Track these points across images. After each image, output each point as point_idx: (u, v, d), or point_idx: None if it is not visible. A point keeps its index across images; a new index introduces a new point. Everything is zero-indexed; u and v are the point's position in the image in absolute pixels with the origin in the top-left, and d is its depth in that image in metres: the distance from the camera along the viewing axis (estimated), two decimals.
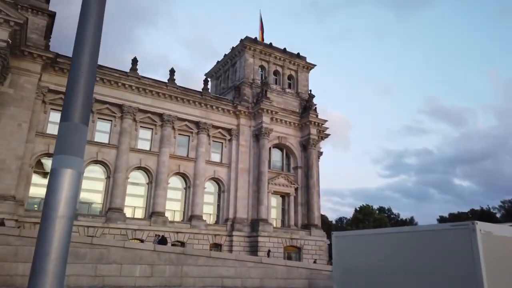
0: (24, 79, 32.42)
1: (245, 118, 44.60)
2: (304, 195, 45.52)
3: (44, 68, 33.83)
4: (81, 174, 3.61)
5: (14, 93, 31.83)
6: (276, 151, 46.78)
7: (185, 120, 41.45)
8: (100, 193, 36.75)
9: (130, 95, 38.40)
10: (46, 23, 34.82)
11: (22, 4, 33.14)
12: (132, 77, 38.59)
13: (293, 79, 50.61)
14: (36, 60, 32.85)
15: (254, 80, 46.97)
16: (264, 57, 48.94)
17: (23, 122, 31.69)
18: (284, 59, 50.00)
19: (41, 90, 34.03)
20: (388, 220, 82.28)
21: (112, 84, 37.59)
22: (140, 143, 39.25)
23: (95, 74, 4.20)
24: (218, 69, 54.85)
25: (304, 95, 49.36)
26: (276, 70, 49.63)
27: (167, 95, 40.28)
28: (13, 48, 31.09)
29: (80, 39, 3.93)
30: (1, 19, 28.70)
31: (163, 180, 38.55)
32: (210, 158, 42.74)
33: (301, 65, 51.10)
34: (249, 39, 48.46)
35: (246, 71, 47.16)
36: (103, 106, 37.38)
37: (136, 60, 39.72)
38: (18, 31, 30.20)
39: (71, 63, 3.95)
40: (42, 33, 34.37)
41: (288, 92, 49.07)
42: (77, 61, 3.87)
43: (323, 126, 48.48)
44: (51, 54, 33.60)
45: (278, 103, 46.36)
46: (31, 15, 33.39)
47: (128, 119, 38.00)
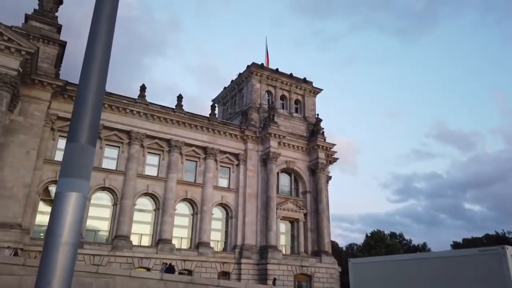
0: (34, 107, 32.76)
1: (253, 143, 44.43)
2: (314, 220, 44.61)
3: (54, 96, 34.24)
4: (86, 197, 3.33)
5: (24, 120, 32.09)
6: (284, 176, 46.27)
7: (193, 146, 41.37)
8: (107, 221, 36.31)
9: (138, 121, 38.57)
10: (56, 52, 35.51)
11: (34, 34, 33.93)
12: (140, 104, 38.87)
13: (300, 103, 50.71)
14: (46, 88, 33.29)
15: (261, 105, 47.11)
16: (271, 82, 49.27)
17: (31, 150, 31.78)
18: (290, 84, 50.28)
19: (50, 117, 34.32)
20: (400, 246, 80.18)
21: (121, 111, 37.86)
22: (148, 169, 39.08)
23: (104, 93, 3.98)
24: (225, 95, 55.25)
25: (311, 119, 49.28)
26: (283, 95, 49.84)
27: (174, 121, 40.40)
28: (24, 77, 31.59)
29: (88, 57, 3.73)
30: (13, 49, 29.30)
31: (170, 207, 38.08)
32: (218, 184, 42.33)
33: (307, 89, 51.30)
34: (255, 65, 48.97)
35: (253, 96, 47.40)
36: (111, 132, 37.52)
37: (144, 87, 40.14)
38: (29, 60, 30.76)
39: (79, 82, 3.73)
40: (53, 62, 35.00)
41: (295, 116, 49.04)
42: (85, 80, 3.66)
43: (331, 150, 48.08)
44: (61, 82, 34.07)
45: (285, 127, 46.26)
46: (42, 45, 34.10)
47: (135, 145, 38.01)
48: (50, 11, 36.44)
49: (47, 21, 35.62)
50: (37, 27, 34.87)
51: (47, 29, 35.29)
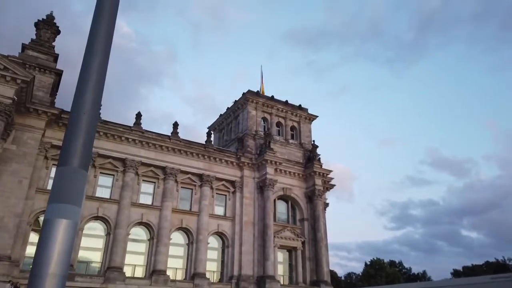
0: (28, 135, 32.46)
1: (249, 170, 44.10)
2: (312, 249, 43.72)
3: (48, 124, 34.02)
4: (77, 225, 3.08)
5: (17, 149, 31.70)
6: (281, 203, 45.70)
7: (188, 173, 40.94)
8: (99, 251, 35.29)
9: (133, 149, 38.27)
10: (52, 81, 35.60)
11: (30, 63, 34.10)
12: (136, 131, 38.71)
13: (296, 130, 50.84)
14: (41, 116, 33.12)
15: (257, 131, 47.14)
16: (267, 109, 49.55)
17: (24, 179, 31.21)
18: (286, 111, 50.58)
19: (43, 145, 33.96)
20: (400, 274, 78.51)
21: (116, 139, 37.62)
22: (142, 198, 38.44)
23: (98, 116, 3.79)
24: (221, 122, 55.37)
25: (307, 145, 49.27)
26: (278, 122, 50.01)
27: (170, 148, 40.15)
28: (19, 105, 31.46)
29: (83, 79, 3.58)
30: (9, 77, 29.30)
31: (165, 236, 37.20)
32: (214, 212, 41.63)
33: (303, 116, 51.59)
34: (251, 92, 49.38)
35: (249, 123, 47.49)
36: (105, 160, 37.11)
37: (140, 115, 40.11)
38: (25, 89, 30.73)
39: (73, 103, 3.55)
40: (48, 91, 35.01)
41: (291, 143, 49.04)
42: (79, 101, 3.49)
43: (327, 177, 47.79)
44: (56, 110, 33.94)
45: (281, 154, 46.13)
46: (38, 74, 34.21)
47: (130, 173, 37.53)
48: (47, 40, 36.80)
49: (43, 50, 35.91)
50: (34, 56, 35.11)
51: (43, 58, 35.51)
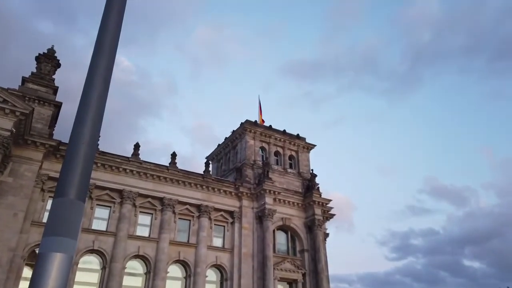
0: (25, 167, 32.26)
1: (248, 200, 43.68)
2: (313, 281, 42.62)
3: (46, 156, 33.90)
4: (72, 259, 2.98)
5: (13, 181, 31.40)
6: (281, 234, 44.96)
7: (186, 204, 40.48)
8: (95, 286, 34.26)
9: (131, 180, 38.00)
10: (51, 113, 35.80)
11: (30, 96, 34.38)
12: (134, 162, 38.57)
13: (294, 159, 50.82)
14: (39, 148, 33.05)
15: (255, 161, 47.07)
16: (265, 138, 49.73)
17: (19, 212, 30.74)
18: (284, 140, 50.74)
19: (40, 178, 33.69)
20: None
21: (114, 170, 37.42)
22: (139, 229, 37.78)
23: (96, 145, 3.77)
24: (219, 152, 55.38)
25: (306, 174, 49.09)
26: (277, 151, 50.06)
27: (168, 179, 39.89)
28: (17, 137, 31.47)
29: (82, 110, 3.57)
30: (8, 110, 29.47)
31: (162, 269, 36.27)
32: (212, 243, 40.84)
33: (301, 145, 51.71)
34: (249, 122, 49.71)
35: (247, 152, 47.51)
36: (102, 192, 36.74)
37: (138, 146, 40.11)
38: (23, 121, 30.84)
39: (71, 134, 3.53)
40: (47, 123, 35.13)
41: (290, 172, 48.88)
42: (77, 132, 3.46)
43: (327, 206, 47.31)
44: (54, 142, 33.92)
45: (280, 183, 45.86)
46: (37, 106, 34.43)
47: (128, 204, 37.07)
48: (47, 73, 37.29)
49: (43, 83, 36.31)
50: (34, 89, 35.44)
51: (43, 91, 35.85)
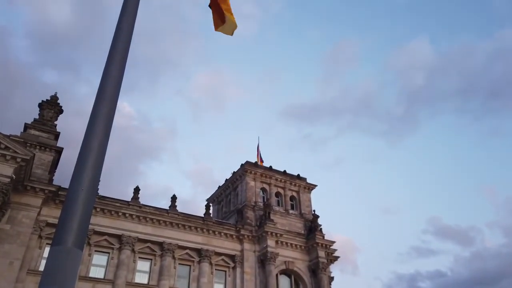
0: (23, 214, 31.83)
1: (249, 243, 42.72)
2: None
3: (45, 201, 33.58)
4: None
5: (11, 229, 30.86)
6: (284, 278, 43.52)
7: (186, 248, 39.53)
8: None
9: (130, 225, 37.39)
10: (52, 158, 35.89)
11: (32, 142, 34.63)
12: (133, 206, 38.14)
13: (296, 200, 50.31)
14: (38, 194, 32.81)
15: (256, 202, 46.57)
16: (265, 179, 49.52)
17: (15, 260, 29.94)
18: (285, 181, 50.50)
19: (38, 224, 33.13)
20: None
21: (113, 214, 36.93)
22: (138, 276, 36.62)
23: (96, 192, 3.77)
24: (220, 194, 54.92)
25: (308, 215, 48.38)
26: (277, 192, 49.67)
27: (168, 223, 39.26)
28: (16, 184, 31.32)
29: (83, 155, 3.60)
30: (9, 156, 29.57)
31: None
32: None
33: (302, 186, 51.39)
34: (249, 163, 49.73)
35: (247, 194, 47.11)
36: (101, 237, 36.02)
37: (138, 189, 39.85)
38: (24, 167, 30.84)
39: (71, 180, 3.54)
40: (47, 168, 35.11)
41: (292, 213, 48.21)
42: (77, 178, 3.47)
43: (331, 248, 46.20)
44: (54, 187, 33.73)
45: (282, 225, 45.08)
46: (38, 152, 34.57)
47: (127, 250, 36.20)
48: (49, 120, 37.78)
49: (45, 129, 36.67)
50: (35, 135, 35.75)
51: (45, 137, 36.15)
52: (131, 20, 4.66)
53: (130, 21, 4.64)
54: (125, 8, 4.75)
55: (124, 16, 4.66)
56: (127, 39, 4.48)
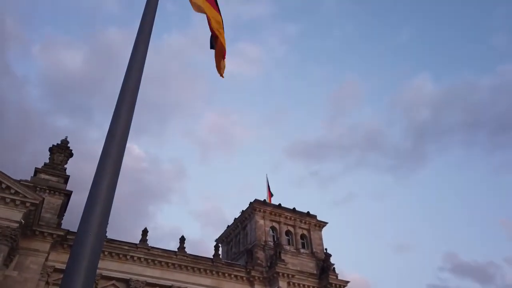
0: (31, 259, 31.44)
1: (260, 285, 41.38)
2: None
3: (53, 246, 33.25)
4: None
5: (18, 275, 30.39)
6: None
7: None
8: None
9: (138, 268, 36.63)
10: (61, 201, 35.90)
11: (41, 186, 34.82)
12: (142, 249, 37.55)
13: (306, 238, 49.20)
14: (46, 238, 32.56)
15: (266, 242, 45.60)
16: (275, 218, 48.76)
17: None
18: (294, 219, 49.66)
19: (46, 270, 32.60)
20: None
21: (121, 257, 36.31)
22: None
23: (104, 238, 3.74)
24: (229, 234, 54.01)
25: (320, 254, 47.10)
26: (288, 230, 48.72)
27: (176, 265, 38.40)
28: (25, 229, 31.19)
29: (91, 199, 3.60)
30: (18, 201, 29.65)
31: None
32: None
33: (312, 223, 50.44)
34: (258, 201, 49.21)
35: (257, 233, 46.26)
36: (108, 282, 35.21)
37: (146, 231, 39.40)
38: (33, 212, 30.83)
39: (79, 224, 3.51)
40: (56, 212, 35.05)
41: (303, 252, 46.99)
42: (85, 222, 3.45)
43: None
44: (62, 232, 33.50)
45: (293, 265, 43.80)
46: (48, 196, 34.66)
47: None
48: (59, 163, 38.19)
49: (55, 173, 36.97)
50: (45, 179, 36.00)
51: (54, 181, 36.39)
52: (140, 65, 4.83)
53: (139, 66, 4.80)
54: (135, 53, 4.94)
55: (133, 61, 4.83)
56: (136, 83, 4.62)
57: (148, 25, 5.38)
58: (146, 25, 5.37)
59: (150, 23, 5.43)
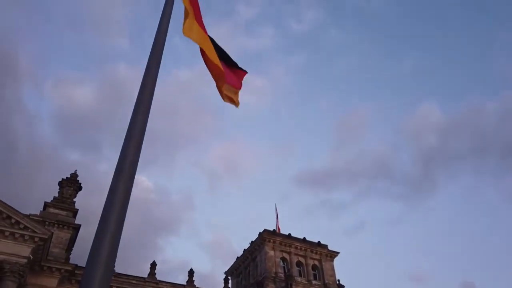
0: None
1: None
2: None
3: (61, 281, 32.81)
4: None
5: None
6: None
7: None
8: None
9: None
10: (70, 236, 35.74)
11: (50, 220, 34.81)
12: (150, 282, 36.91)
13: (318, 269, 47.98)
14: (54, 274, 32.20)
15: (276, 273, 44.51)
16: (285, 248, 47.82)
17: None
18: (305, 249, 48.65)
19: None
20: None
21: None
22: None
23: (113, 271, 3.71)
24: (238, 266, 52.92)
25: (332, 285, 45.75)
26: (298, 261, 47.62)
27: None
28: (33, 264, 30.93)
29: (100, 233, 3.59)
30: (27, 236, 29.55)
31: None
32: None
33: (323, 253, 49.32)
34: (267, 232, 48.46)
35: (267, 264, 45.27)
36: None
37: (155, 264, 38.85)
38: (41, 246, 30.65)
39: (87, 259, 3.49)
40: (65, 246, 34.84)
41: (315, 284, 45.68)
42: (93, 257, 3.44)
43: None
44: (70, 267, 33.14)
45: None
46: (56, 230, 34.56)
47: None
48: (68, 197, 38.35)
49: (64, 207, 37.07)
50: (54, 213, 36.06)
51: (63, 215, 36.41)
52: (148, 100, 4.93)
53: (147, 101, 4.91)
54: (143, 88, 5.06)
55: (141, 96, 4.94)
56: (144, 118, 4.70)
57: (156, 61, 5.54)
58: (154, 60, 5.53)
59: (158, 58, 5.59)
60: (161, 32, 5.98)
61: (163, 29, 6.02)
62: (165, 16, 6.25)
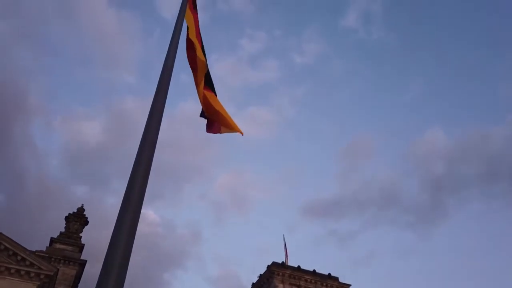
0: None
1: None
2: None
3: None
4: None
5: None
6: None
7: None
8: None
9: None
10: (75, 272, 35.24)
11: (56, 256, 34.49)
12: None
13: None
14: None
15: None
16: (294, 281, 46.49)
17: None
18: (315, 282, 47.25)
19: None
20: None
21: None
22: None
23: None
24: None
25: None
26: None
27: None
28: None
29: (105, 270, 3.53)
30: (33, 273, 29.17)
31: None
32: None
33: (334, 286, 47.84)
34: (276, 264, 47.33)
35: None
36: None
37: None
38: (47, 284, 30.18)
39: None
40: (70, 283, 34.29)
41: None
42: None
43: None
44: None
45: None
46: (62, 266, 34.17)
47: None
48: (75, 232, 38.16)
49: (70, 242, 36.83)
50: (61, 249, 35.80)
51: (69, 250, 36.10)
52: (155, 134, 4.97)
53: (154, 135, 4.94)
54: (149, 122, 5.12)
55: (148, 129, 4.99)
56: (151, 151, 4.72)
57: (162, 95, 5.63)
58: (161, 94, 5.62)
59: (165, 92, 5.68)
60: (167, 66, 6.12)
61: (169, 65, 6.15)
62: (171, 49, 6.41)
